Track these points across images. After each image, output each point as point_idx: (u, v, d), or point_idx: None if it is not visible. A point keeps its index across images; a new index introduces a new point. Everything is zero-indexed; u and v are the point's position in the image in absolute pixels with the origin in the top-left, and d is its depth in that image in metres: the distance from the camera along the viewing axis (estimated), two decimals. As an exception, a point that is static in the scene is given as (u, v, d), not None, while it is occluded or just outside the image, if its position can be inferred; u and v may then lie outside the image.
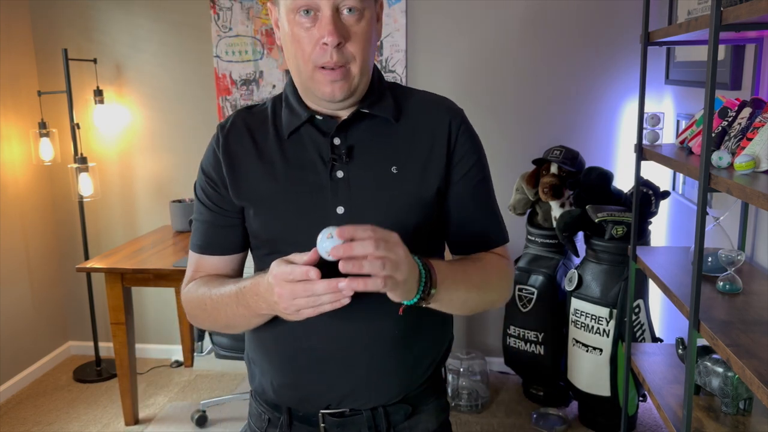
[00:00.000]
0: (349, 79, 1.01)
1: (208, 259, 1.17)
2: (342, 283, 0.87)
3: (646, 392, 2.48)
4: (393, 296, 0.91)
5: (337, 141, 1.07)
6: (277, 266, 0.92)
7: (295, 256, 0.93)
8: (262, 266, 1.14)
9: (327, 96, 1.02)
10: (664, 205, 2.83)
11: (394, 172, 1.07)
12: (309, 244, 1.01)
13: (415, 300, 0.94)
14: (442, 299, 0.99)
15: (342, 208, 1.06)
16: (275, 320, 1.07)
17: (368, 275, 0.86)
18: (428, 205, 1.09)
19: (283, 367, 1.13)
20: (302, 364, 1.11)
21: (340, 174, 1.06)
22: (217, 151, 1.12)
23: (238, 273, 1.19)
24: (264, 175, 1.08)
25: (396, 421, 1.14)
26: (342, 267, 0.86)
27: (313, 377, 1.11)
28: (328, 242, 0.87)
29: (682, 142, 1.95)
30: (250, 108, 1.16)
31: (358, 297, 1.06)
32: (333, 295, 0.88)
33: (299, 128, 1.08)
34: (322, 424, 1.13)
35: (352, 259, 0.85)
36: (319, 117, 1.08)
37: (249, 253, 1.20)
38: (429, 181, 1.09)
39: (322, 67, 1.00)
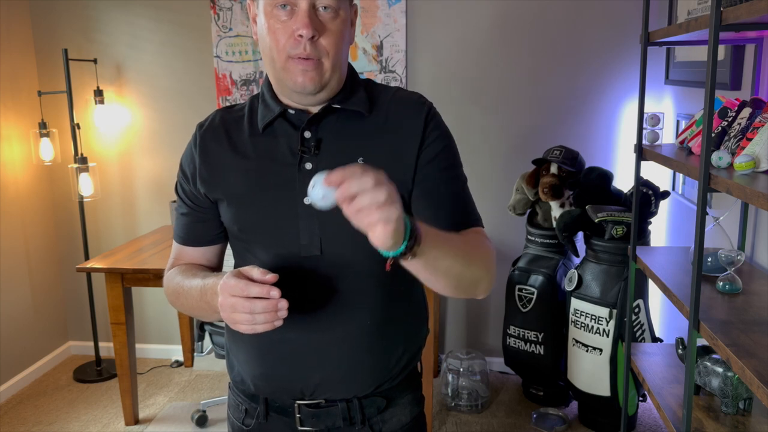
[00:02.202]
0: (320, 72, 1.04)
1: (187, 249, 1.22)
2: (283, 302, 0.93)
3: (646, 392, 2.48)
4: (384, 238, 0.83)
5: (307, 134, 1.10)
6: (228, 278, 0.96)
7: (251, 270, 0.96)
8: (238, 257, 1.18)
9: (298, 86, 1.04)
10: (664, 205, 2.83)
11: (361, 164, 1.07)
12: (278, 234, 1.05)
13: (401, 249, 0.87)
14: (427, 258, 0.93)
15: (309, 199, 1.07)
16: None
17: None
18: None
19: (258, 358, 1.16)
20: (276, 354, 1.13)
21: (308, 166, 1.08)
22: (193, 148, 1.16)
23: (216, 263, 1.24)
24: (236, 169, 1.11)
25: (370, 414, 1.16)
26: (345, 209, 0.82)
27: (286, 368, 1.13)
28: (317, 190, 0.84)
29: (682, 142, 1.95)
30: (230, 107, 1.20)
31: (332, 289, 1.10)
32: (269, 315, 0.93)
33: (273, 122, 1.11)
34: (298, 415, 1.15)
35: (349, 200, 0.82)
36: (291, 111, 1.10)
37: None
38: (397, 173, 1.07)
39: (294, 58, 1.03)
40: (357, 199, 0.80)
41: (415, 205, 1.12)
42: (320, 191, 0.83)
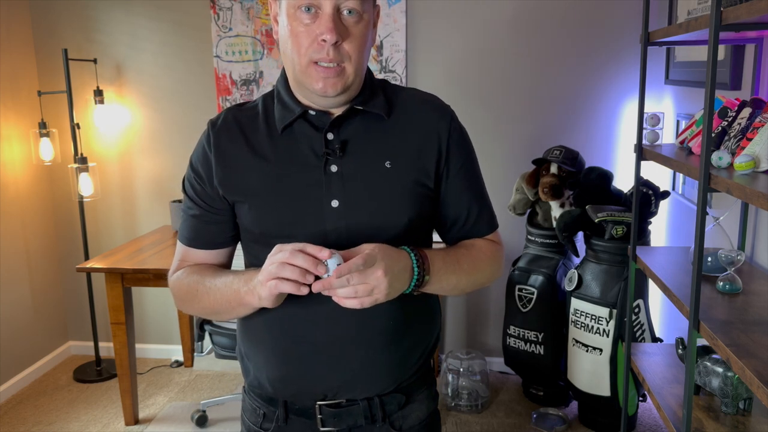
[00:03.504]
0: (343, 77, 1.04)
1: (196, 252, 1.20)
2: (304, 289, 0.96)
3: (646, 392, 2.48)
4: (388, 297, 0.99)
5: (330, 136, 1.09)
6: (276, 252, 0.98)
7: (306, 246, 0.97)
8: (253, 260, 1.15)
9: (319, 91, 1.04)
10: (664, 205, 2.83)
11: (388, 166, 1.09)
12: (303, 237, 1.04)
13: (411, 288, 1.03)
14: (435, 284, 1.08)
15: (336, 201, 1.07)
16: (269, 314, 1.09)
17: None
18: (420, 199, 1.12)
19: (278, 361, 1.14)
20: (297, 356, 1.13)
21: (334, 168, 1.08)
22: (207, 147, 1.14)
23: (225, 266, 1.22)
24: (257, 171, 1.10)
25: (390, 411, 1.17)
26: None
27: (308, 370, 1.13)
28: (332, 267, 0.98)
29: (682, 142, 1.95)
30: (241, 105, 1.18)
31: None
32: (294, 285, 0.95)
33: (292, 123, 1.10)
34: (319, 416, 1.14)
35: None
36: (312, 112, 1.10)
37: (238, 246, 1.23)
38: (421, 177, 1.12)
39: (317, 63, 1.03)
40: (352, 290, 0.95)
41: (440, 211, 1.18)
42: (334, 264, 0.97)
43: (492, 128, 3.13)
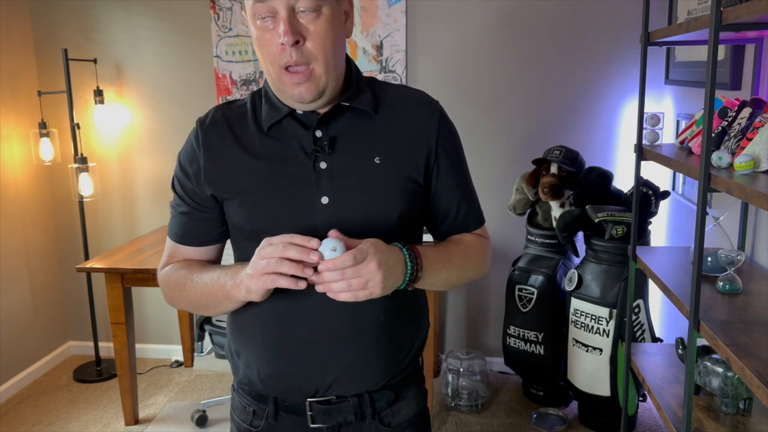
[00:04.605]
0: (314, 80, 1.03)
1: (185, 248, 1.20)
2: (302, 283, 0.95)
3: (646, 392, 2.48)
4: (384, 291, 0.98)
5: (318, 133, 1.09)
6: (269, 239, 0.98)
7: (293, 237, 0.97)
8: (243, 256, 1.15)
9: (296, 98, 1.04)
10: (664, 205, 2.83)
11: (377, 162, 1.10)
12: (294, 233, 1.03)
13: (404, 285, 1.03)
14: (427, 279, 1.08)
15: (326, 198, 1.08)
16: (260, 310, 1.10)
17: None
18: (410, 195, 1.13)
19: (269, 357, 1.15)
20: (289, 352, 1.13)
21: (323, 165, 1.08)
22: (195, 145, 1.14)
23: (214, 263, 1.23)
24: (246, 168, 1.10)
25: (380, 408, 1.17)
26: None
27: (299, 366, 1.13)
28: (328, 251, 0.96)
29: (682, 142, 1.95)
30: (230, 103, 1.18)
31: None
32: (292, 281, 0.95)
33: (280, 121, 1.10)
34: (309, 413, 1.15)
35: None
36: (299, 111, 1.10)
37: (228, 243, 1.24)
38: (410, 172, 1.12)
39: (287, 69, 1.03)
40: (347, 283, 0.94)
41: (430, 207, 1.19)
42: (331, 252, 0.96)
43: (492, 128, 3.13)
